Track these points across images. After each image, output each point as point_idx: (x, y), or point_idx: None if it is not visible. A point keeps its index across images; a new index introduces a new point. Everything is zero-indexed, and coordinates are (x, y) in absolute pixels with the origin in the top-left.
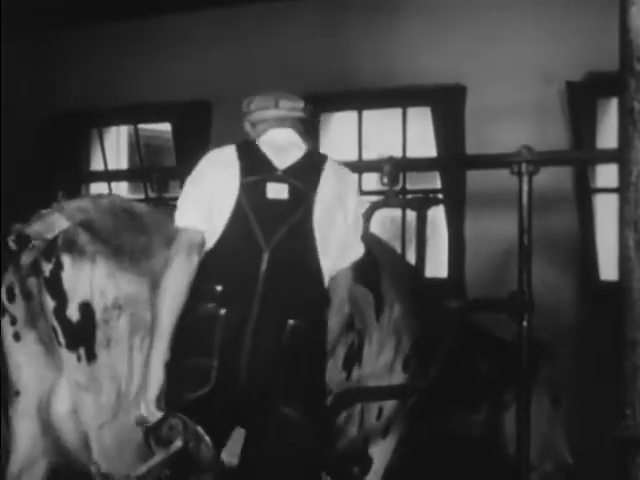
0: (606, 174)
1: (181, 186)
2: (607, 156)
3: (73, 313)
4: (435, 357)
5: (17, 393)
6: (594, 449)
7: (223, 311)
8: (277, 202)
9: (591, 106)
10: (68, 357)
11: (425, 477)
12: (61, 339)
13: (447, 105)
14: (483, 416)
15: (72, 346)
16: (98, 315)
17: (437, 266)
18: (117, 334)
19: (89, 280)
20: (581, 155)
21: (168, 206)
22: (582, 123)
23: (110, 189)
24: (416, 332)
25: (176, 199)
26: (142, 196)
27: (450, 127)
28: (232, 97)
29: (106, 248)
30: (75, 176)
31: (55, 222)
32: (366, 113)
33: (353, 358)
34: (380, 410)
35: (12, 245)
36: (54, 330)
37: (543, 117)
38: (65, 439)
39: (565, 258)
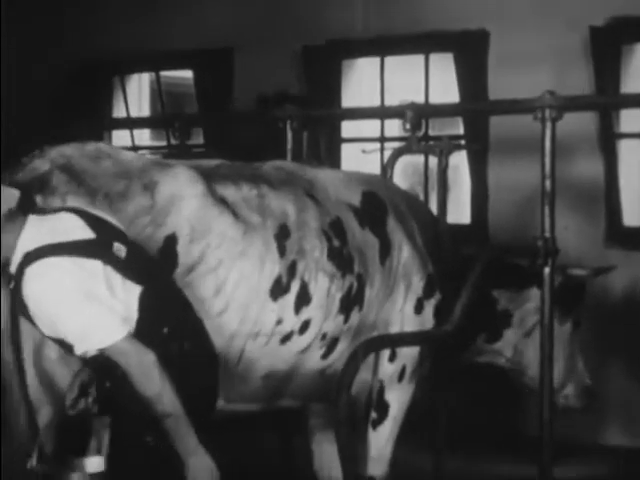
0: (630, 119)
1: (203, 133)
2: (631, 101)
3: None
4: (458, 301)
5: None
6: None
7: None
8: None
9: (615, 51)
10: None
11: (445, 406)
12: None
13: (470, 51)
14: (504, 344)
15: None
16: None
17: (460, 212)
18: None
19: None
20: (605, 100)
21: (189, 153)
22: (606, 68)
23: (132, 136)
24: (431, 274)
25: (198, 146)
26: (164, 143)
27: (473, 73)
28: (254, 43)
29: (80, 189)
30: (97, 124)
31: (36, 167)
32: (388, 59)
33: (351, 302)
34: (393, 352)
35: (17, 194)
36: None
37: (566, 63)
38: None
39: (588, 203)
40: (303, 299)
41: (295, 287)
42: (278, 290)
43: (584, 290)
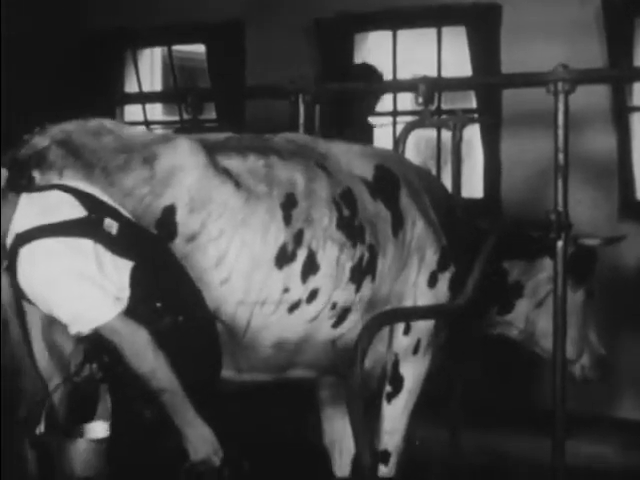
0: None
1: (215, 108)
2: None
3: None
4: (471, 274)
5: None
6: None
7: None
8: None
9: (628, 24)
10: None
11: (459, 377)
12: None
13: (482, 24)
14: (516, 315)
15: None
16: None
17: (473, 186)
18: None
19: None
20: (618, 73)
21: (202, 128)
22: (618, 41)
23: (144, 111)
24: (445, 247)
25: (210, 121)
26: (177, 118)
27: (485, 46)
28: (265, 16)
29: (77, 162)
30: (109, 98)
31: (37, 143)
32: (400, 32)
33: (362, 272)
34: (408, 325)
35: (5, 173)
36: None
37: (579, 36)
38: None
39: (602, 177)
40: (310, 267)
41: (302, 255)
42: (283, 258)
43: (596, 259)
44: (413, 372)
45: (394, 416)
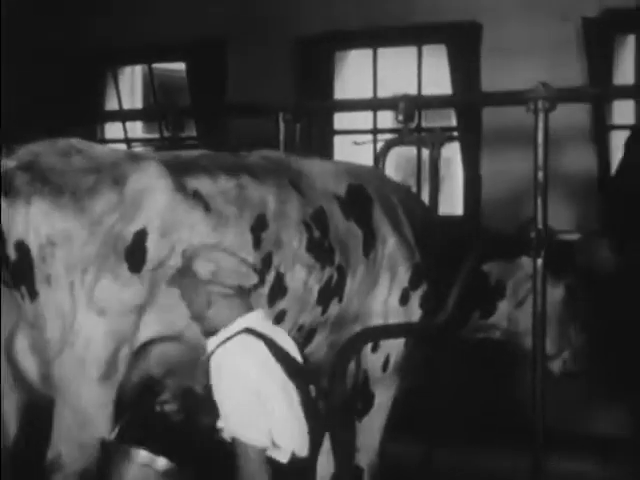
0: (623, 111)
1: (195, 125)
2: (624, 92)
3: (11, 252)
4: (450, 294)
5: None
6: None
7: None
8: None
9: (608, 42)
10: (17, 295)
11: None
12: (6, 278)
13: (463, 43)
14: (498, 317)
15: (15, 285)
16: (34, 253)
17: (453, 204)
18: (55, 271)
19: (24, 219)
20: (598, 91)
21: (182, 145)
22: (598, 60)
23: (125, 129)
24: (418, 264)
25: (191, 138)
26: (157, 135)
27: (466, 64)
28: (247, 34)
29: (45, 188)
30: (90, 116)
31: (4, 166)
32: (381, 51)
33: (330, 293)
34: (375, 342)
35: None
36: (1, 270)
37: (559, 54)
38: (26, 375)
39: (581, 195)
40: (278, 290)
41: (270, 278)
42: None
43: (574, 254)
44: (383, 389)
45: (366, 433)
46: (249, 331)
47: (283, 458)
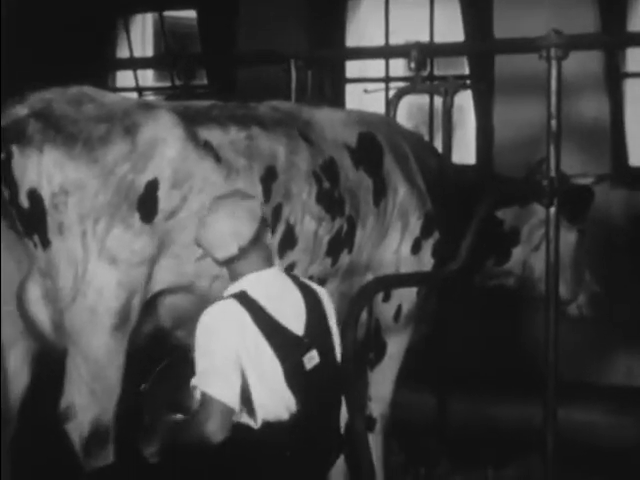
0: (636, 58)
1: (207, 73)
2: (637, 40)
3: (23, 200)
4: (465, 238)
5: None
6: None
7: None
8: None
9: None
10: (29, 244)
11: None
12: (19, 227)
13: None
14: (513, 263)
15: (28, 233)
16: (47, 202)
17: (466, 152)
18: (68, 220)
19: (36, 168)
20: (611, 39)
21: (193, 94)
22: (612, 7)
23: (136, 77)
24: (429, 213)
25: (202, 87)
26: (168, 84)
27: (478, 12)
28: None
29: (58, 136)
30: (101, 64)
31: (16, 113)
32: None
33: (340, 244)
34: (387, 293)
35: None
36: (14, 218)
37: (572, 1)
38: (38, 324)
39: (594, 143)
40: (288, 242)
41: (280, 230)
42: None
43: (588, 197)
44: (395, 339)
45: (378, 383)
46: (239, 297)
47: (254, 424)
